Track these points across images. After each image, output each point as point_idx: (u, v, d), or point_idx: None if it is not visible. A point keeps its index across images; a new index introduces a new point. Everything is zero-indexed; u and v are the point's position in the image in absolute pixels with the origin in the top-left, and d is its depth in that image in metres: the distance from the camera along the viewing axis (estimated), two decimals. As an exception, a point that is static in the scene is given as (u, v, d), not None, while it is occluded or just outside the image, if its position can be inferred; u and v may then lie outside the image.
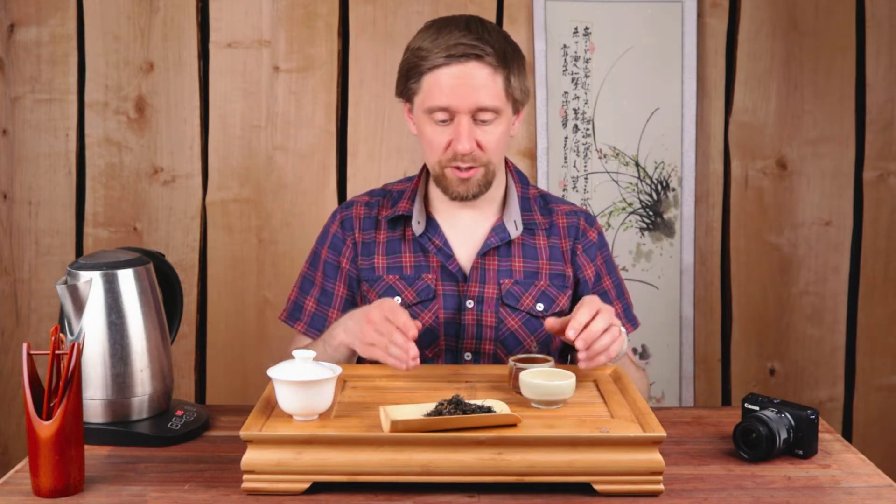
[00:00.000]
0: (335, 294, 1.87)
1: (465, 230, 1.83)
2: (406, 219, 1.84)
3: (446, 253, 1.81)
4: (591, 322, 1.54)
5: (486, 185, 1.77)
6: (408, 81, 1.74)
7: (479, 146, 1.71)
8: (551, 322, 1.61)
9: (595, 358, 1.54)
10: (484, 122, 1.71)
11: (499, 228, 1.82)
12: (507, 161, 1.88)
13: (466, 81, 1.68)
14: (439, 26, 1.72)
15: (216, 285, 2.80)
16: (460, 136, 1.69)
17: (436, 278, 1.80)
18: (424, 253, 1.82)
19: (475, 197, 1.77)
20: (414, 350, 1.54)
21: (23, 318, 2.81)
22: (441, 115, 1.71)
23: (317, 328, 1.86)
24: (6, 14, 2.73)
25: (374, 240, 1.85)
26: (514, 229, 1.82)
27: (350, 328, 1.68)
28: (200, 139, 2.78)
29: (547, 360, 1.59)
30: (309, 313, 1.88)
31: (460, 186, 1.75)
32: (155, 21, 2.74)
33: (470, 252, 1.82)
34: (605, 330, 1.55)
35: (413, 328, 1.56)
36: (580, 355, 1.54)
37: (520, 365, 1.57)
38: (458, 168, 1.73)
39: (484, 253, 1.80)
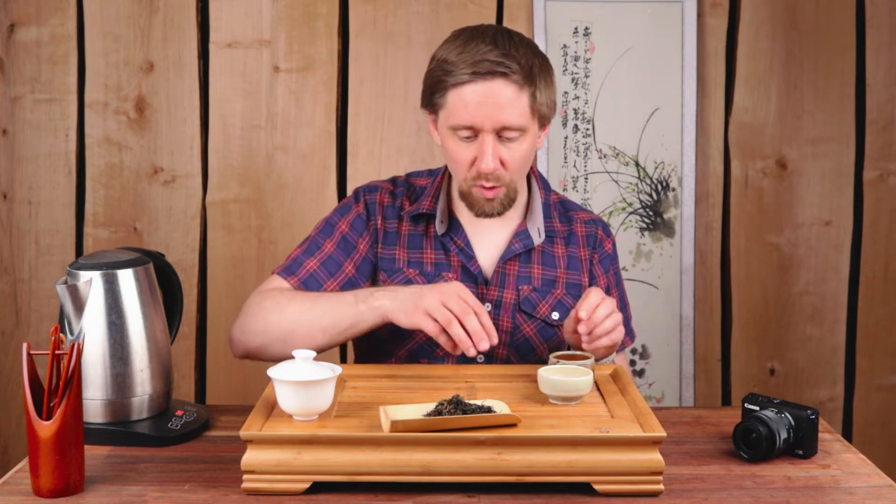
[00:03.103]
0: (342, 270, 1.79)
1: (487, 233, 1.82)
2: (429, 216, 1.82)
3: (468, 254, 1.80)
4: (598, 308, 1.58)
5: (510, 202, 1.75)
6: (433, 95, 1.71)
7: (503, 163, 1.69)
8: (568, 324, 1.64)
9: (598, 339, 1.58)
10: (509, 139, 1.68)
11: (522, 234, 1.81)
12: (531, 166, 1.86)
13: (491, 100, 1.64)
14: (466, 39, 1.68)
15: (216, 285, 2.80)
16: (484, 154, 1.67)
17: (456, 278, 1.79)
18: (446, 252, 1.81)
19: (500, 214, 1.75)
20: (485, 337, 1.52)
21: (23, 318, 2.81)
22: (465, 133, 1.68)
23: (309, 288, 1.77)
24: (6, 14, 2.73)
25: (397, 231, 1.82)
26: (538, 236, 1.81)
27: (402, 296, 1.61)
28: (200, 139, 2.78)
29: (586, 357, 1.60)
30: (307, 271, 1.78)
31: (486, 205, 1.73)
32: (155, 21, 2.74)
33: (491, 255, 1.81)
34: (609, 316, 1.58)
35: (487, 318, 1.54)
36: (583, 333, 1.57)
37: (563, 361, 1.57)
38: (482, 187, 1.71)
39: (506, 258, 1.80)
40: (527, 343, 1.79)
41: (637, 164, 2.79)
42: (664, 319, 2.80)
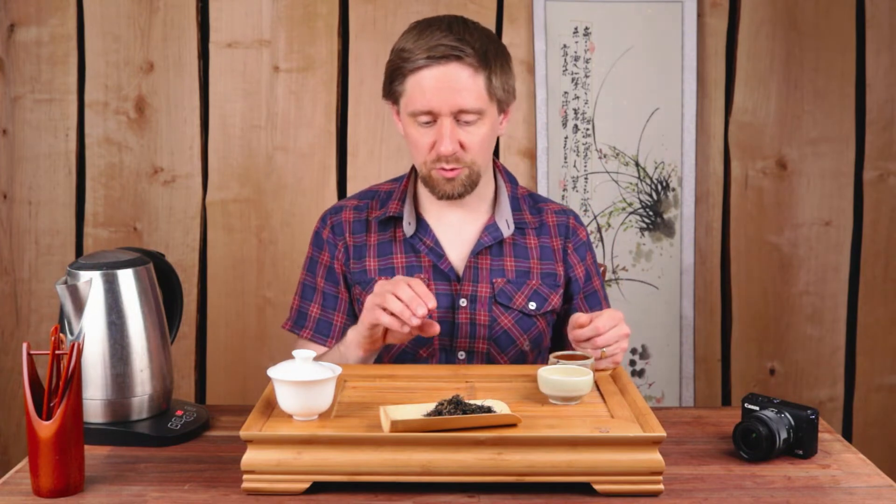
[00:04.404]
0: (339, 298, 1.86)
1: (455, 230, 1.83)
2: (396, 220, 1.84)
3: (437, 252, 1.81)
4: (606, 319, 1.62)
5: (472, 185, 1.77)
6: (392, 84, 1.76)
7: (463, 146, 1.72)
8: (581, 319, 1.64)
9: (599, 347, 1.62)
10: (467, 122, 1.71)
11: (491, 227, 1.82)
12: (495, 161, 1.89)
13: (446, 84, 1.68)
14: (422, 27, 1.73)
15: (216, 285, 2.80)
16: (442, 137, 1.70)
17: (428, 278, 1.80)
18: (416, 253, 1.82)
19: (461, 196, 1.77)
20: (421, 303, 1.55)
21: (23, 318, 2.81)
22: (424, 118, 1.72)
23: (323, 333, 1.86)
24: (6, 14, 2.73)
25: (365, 243, 1.85)
26: (507, 228, 1.83)
27: (359, 318, 1.70)
28: (200, 139, 2.78)
29: (586, 357, 1.60)
30: (314, 319, 1.87)
31: (446, 185, 1.75)
32: (155, 21, 2.74)
33: (462, 251, 1.83)
34: (614, 327, 1.62)
35: (423, 286, 1.58)
36: (583, 335, 1.61)
37: (563, 361, 1.58)
38: (442, 169, 1.74)
39: (477, 252, 1.81)
40: (506, 335, 1.80)
41: (637, 164, 2.79)
42: (664, 319, 2.80)
